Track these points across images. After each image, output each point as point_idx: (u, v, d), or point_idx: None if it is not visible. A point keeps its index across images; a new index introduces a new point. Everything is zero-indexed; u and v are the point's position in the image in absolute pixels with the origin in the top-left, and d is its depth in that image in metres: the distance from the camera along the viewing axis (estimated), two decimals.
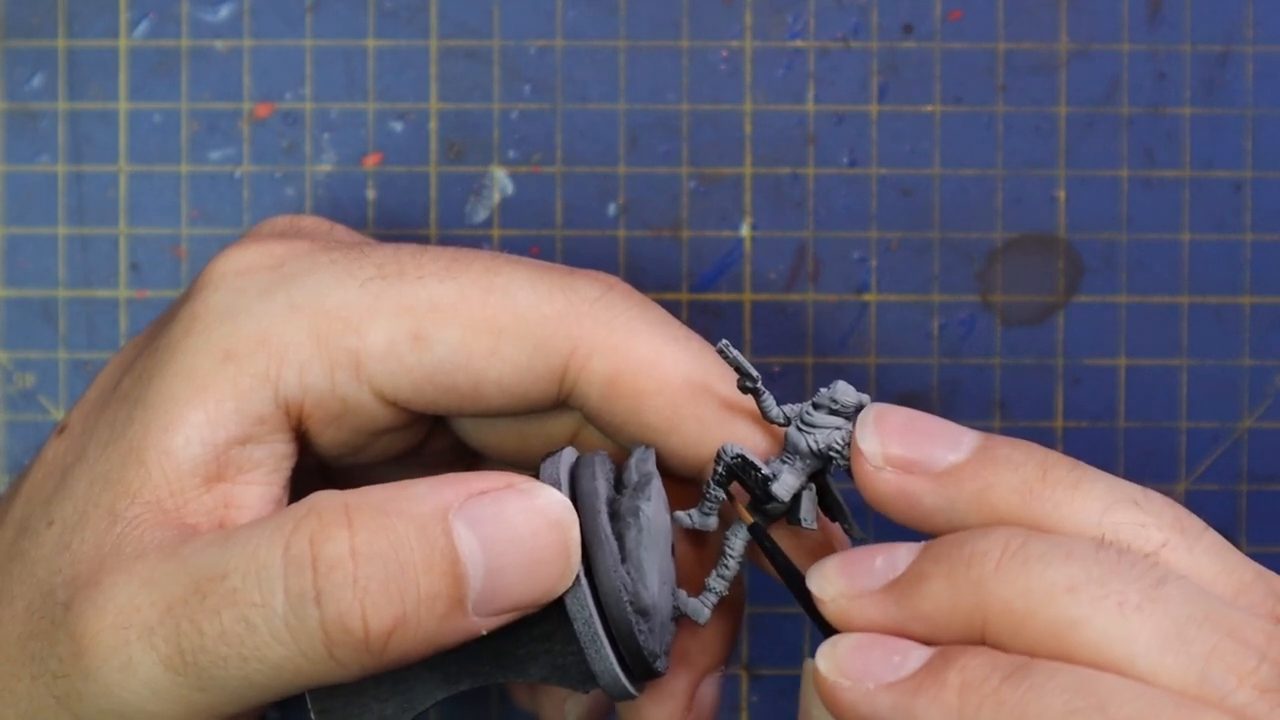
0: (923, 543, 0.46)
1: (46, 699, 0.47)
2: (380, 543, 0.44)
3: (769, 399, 0.48)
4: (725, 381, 0.49)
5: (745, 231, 0.61)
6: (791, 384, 0.60)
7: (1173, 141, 0.60)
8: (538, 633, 0.47)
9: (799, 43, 0.60)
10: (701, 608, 0.49)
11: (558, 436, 0.52)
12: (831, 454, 0.48)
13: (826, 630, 0.46)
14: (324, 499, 0.45)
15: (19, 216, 0.61)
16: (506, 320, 0.49)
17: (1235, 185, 0.60)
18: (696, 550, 0.52)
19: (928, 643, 0.44)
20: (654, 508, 0.47)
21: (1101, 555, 0.43)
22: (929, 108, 0.60)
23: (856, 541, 0.49)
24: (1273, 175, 0.60)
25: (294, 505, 0.45)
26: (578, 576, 0.46)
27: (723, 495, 0.48)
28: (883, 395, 0.60)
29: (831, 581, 0.46)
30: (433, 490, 0.45)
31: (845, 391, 0.48)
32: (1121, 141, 0.60)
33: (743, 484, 0.48)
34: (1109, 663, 0.42)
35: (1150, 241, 0.60)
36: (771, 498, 0.48)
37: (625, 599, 0.46)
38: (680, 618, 0.49)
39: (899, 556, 0.45)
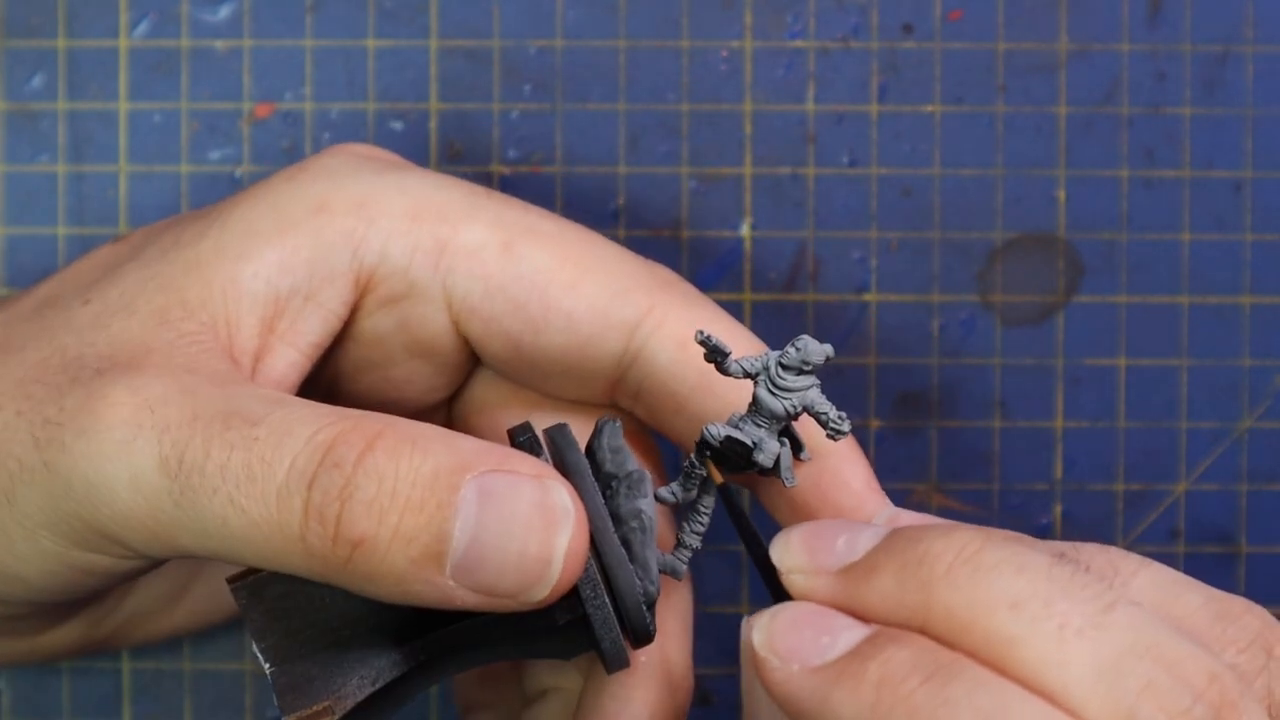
0: (886, 527, 0.45)
1: (24, 435, 0.47)
2: (388, 466, 0.44)
3: (730, 362, 0.48)
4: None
5: (745, 231, 0.61)
6: None
7: (1173, 141, 0.60)
8: (560, 619, 0.47)
9: (799, 43, 0.60)
10: (679, 564, 0.50)
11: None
12: (815, 414, 0.47)
13: (778, 598, 0.45)
14: (376, 415, 0.46)
15: (19, 216, 0.61)
16: (594, 263, 0.51)
17: (1235, 185, 0.60)
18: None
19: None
20: (649, 501, 0.48)
21: (1054, 572, 0.42)
22: (929, 108, 0.60)
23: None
24: (1273, 175, 0.60)
25: (355, 410, 0.46)
26: (596, 582, 0.46)
27: (705, 471, 0.49)
28: (882, 395, 0.60)
29: (793, 554, 0.45)
30: (471, 449, 0.45)
31: (815, 352, 0.47)
32: (1121, 141, 0.60)
33: (724, 457, 0.48)
34: (1040, 687, 0.41)
35: (1150, 241, 0.61)
36: (755, 465, 0.48)
37: (642, 603, 0.47)
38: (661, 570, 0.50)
39: (861, 540, 0.45)
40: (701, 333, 0.47)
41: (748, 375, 0.48)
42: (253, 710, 0.61)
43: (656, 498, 0.49)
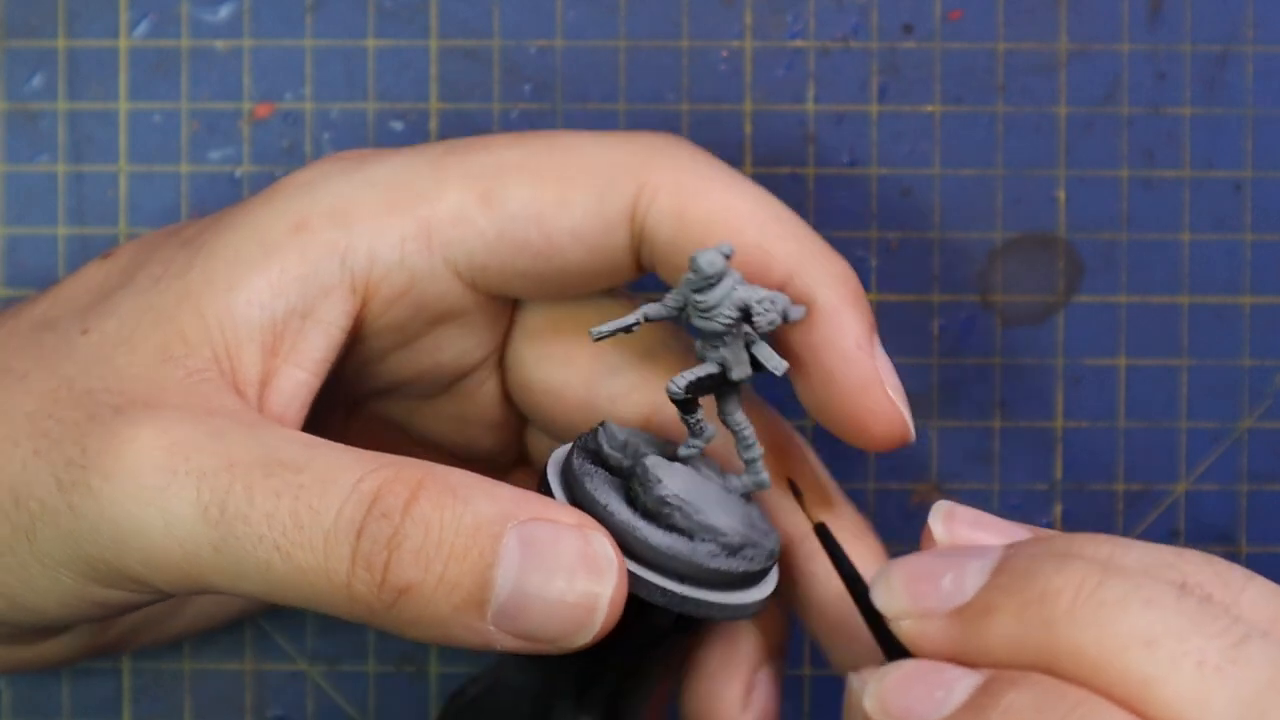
0: (993, 559, 0.44)
1: (45, 477, 0.47)
2: (434, 515, 0.45)
3: (634, 316, 0.48)
4: (783, 220, 0.50)
5: None
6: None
7: (1173, 141, 0.60)
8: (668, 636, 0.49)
9: (799, 43, 0.60)
10: (759, 477, 0.50)
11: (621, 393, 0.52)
12: (751, 314, 0.47)
13: (886, 646, 0.45)
14: (412, 462, 0.46)
15: (19, 216, 0.61)
16: (573, 170, 0.50)
17: (1235, 185, 0.60)
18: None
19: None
20: (666, 482, 0.48)
21: (1183, 605, 0.41)
22: (929, 108, 0.60)
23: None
24: (1273, 175, 0.60)
25: (387, 454, 0.47)
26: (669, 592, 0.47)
27: (700, 416, 0.49)
28: None
29: (898, 598, 0.44)
30: (510, 498, 0.46)
31: (707, 263, 0.47)
32: (1121, 141, 0.60)
33: (706, 392, 0.49)
34: None
35: (1150, 241, 0.61)
36: (736, 381, 0.48)
37: (719, 571, 0.47)
38: (750, 493, 0.50)
39: (968, 576, 0.43)
40: (592, 334, 0.48)
41: (672, 318, 0.48)
42: (253, 710, 0.61)
43: (677, 457, 0.49)
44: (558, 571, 0.45)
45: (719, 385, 0.48)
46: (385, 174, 0.51)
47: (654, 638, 0.49)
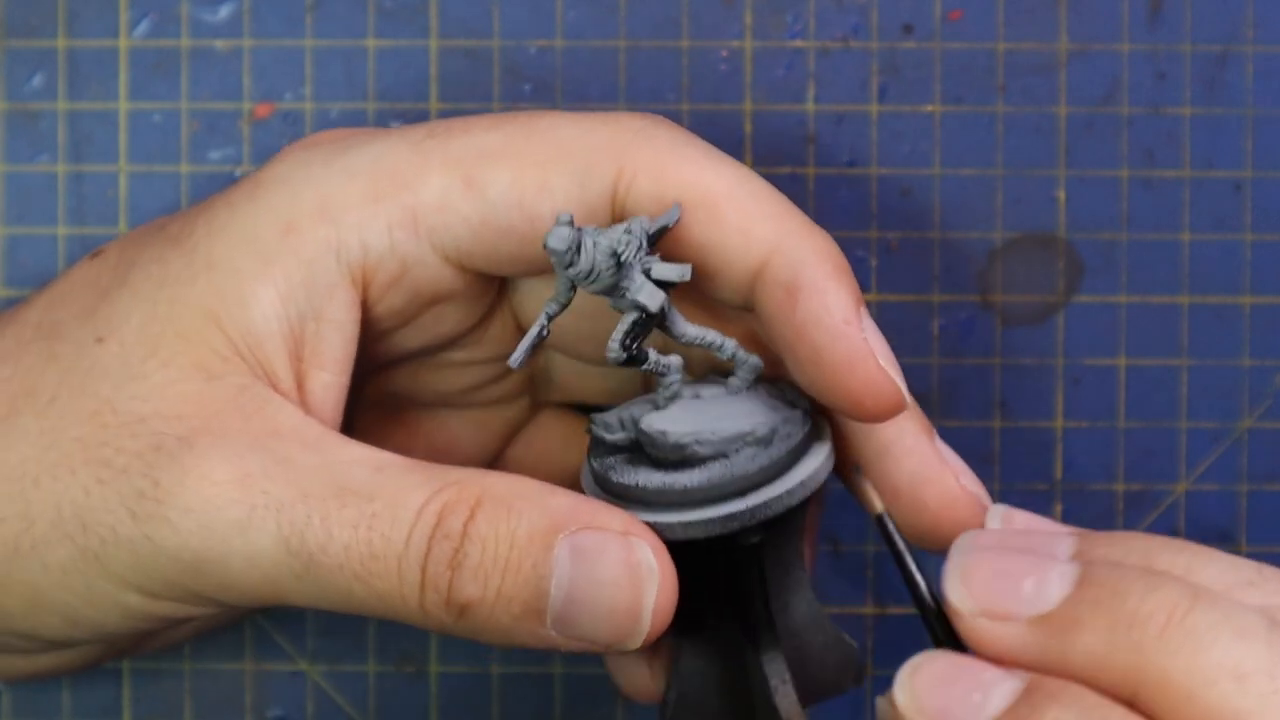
0: (1074, 566, 0.43)
1: (115, 506, 0.48)
2: (489, 532, 0.46)
3: (539, 324, 0.49)
4: (762, 199, 0.50)
5: None
6: None
7: (1173, 141, 0.60)
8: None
9: (799, 43, 0.60)
10: (751, 365, 0.50)
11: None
12: (615, 253, 0.47)
13: (941, 637, 0.44)
14: (473, 475, 0.47)
15: (19, 216, 0.61)
16: (553, 154, 0.50)
17: (1235, 185, 0.60)
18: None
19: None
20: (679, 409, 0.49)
21: (1274, 639, 0.40)
22: (929, 108, 0.60)
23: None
24: (1273, 175, 0.60)
25: (449, 469, 0.48)
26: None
27: (654, 359, 0.49)
28: None
29: (976, 595, 0.43)
30: (562, 507, 0.47)
31: (559, 239, 0.47)
32: (1121, 141, 0.60)
33: (646, 332, 0.49)
34: None
35: (1150, 241, 0.61)
36: (659, 311, 0.48)
37: (766, 466, 0.48)
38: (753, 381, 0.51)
39: (1050, 585, 0.42)
40: (512, 364, 0.49)
41: (569, 299, 0.48)
42: (253, 710, 0.61)
43: (659, 406, 0.50)
44: (604, 582, 0.46)
45: (650, 324, 0.48)
46: (366, 162, 0.51)
47: (758, 547, 0.49)
